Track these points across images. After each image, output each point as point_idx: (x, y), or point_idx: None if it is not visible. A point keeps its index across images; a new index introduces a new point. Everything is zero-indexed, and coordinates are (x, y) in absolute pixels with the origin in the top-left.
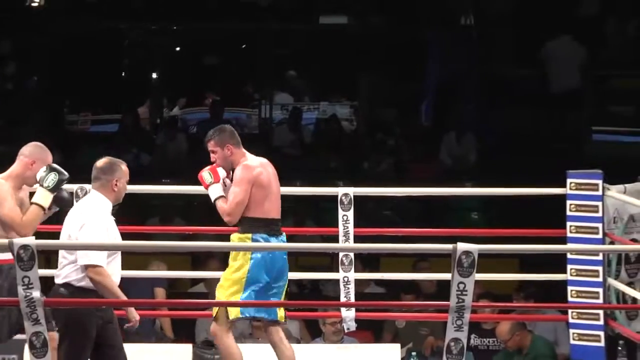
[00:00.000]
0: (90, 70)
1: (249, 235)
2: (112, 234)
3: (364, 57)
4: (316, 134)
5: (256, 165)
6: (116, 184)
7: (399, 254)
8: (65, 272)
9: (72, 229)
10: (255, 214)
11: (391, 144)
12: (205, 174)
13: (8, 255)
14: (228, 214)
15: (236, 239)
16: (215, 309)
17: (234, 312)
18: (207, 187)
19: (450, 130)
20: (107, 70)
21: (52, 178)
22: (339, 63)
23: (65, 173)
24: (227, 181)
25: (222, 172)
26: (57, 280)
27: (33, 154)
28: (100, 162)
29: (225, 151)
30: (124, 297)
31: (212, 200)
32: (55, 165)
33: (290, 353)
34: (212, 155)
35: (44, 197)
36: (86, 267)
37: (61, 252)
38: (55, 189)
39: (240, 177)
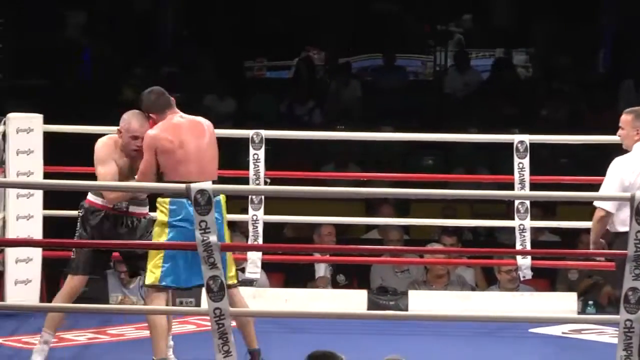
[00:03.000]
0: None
1: (166, 199)
2: None
3: (539, 3)
4: (491, 81)
5: (157, 132)
6: None
7: (575, 202)
8: None
9: None
10: (170, 177)
11: (567, 92)
12: None
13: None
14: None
15: (157, 204)
16: None
17: (151, 279)
18: None
19: (628, 78)
20: (281, 15)
21: None
22: (515, 9)
23: None
24: None
25: None
26: None
27: (121, 123)
28: None
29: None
30: None
31: None
32: None
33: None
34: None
35: None
36: None
37: None
38: None
39: (143, 147)
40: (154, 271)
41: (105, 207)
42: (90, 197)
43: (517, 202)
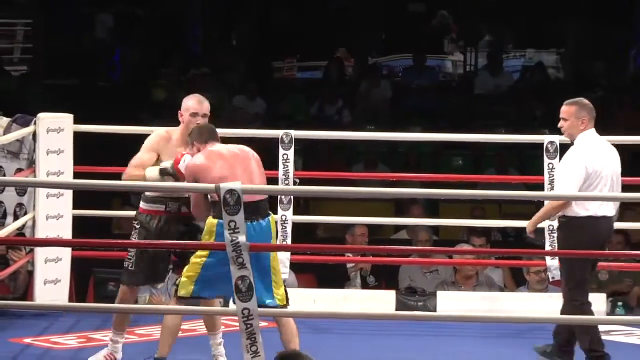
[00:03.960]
0: (296, 16)
1: (214, 221)
2: None
3: (571, 4)
4: (521, 82)
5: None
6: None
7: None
8: None
9: None
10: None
11: (598, 92)
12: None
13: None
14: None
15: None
16: None
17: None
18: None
19: None
20: (314, 16)
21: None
22: (546, 10)
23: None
24: None
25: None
26: None
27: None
28: None
29: (194, 149)
30: None
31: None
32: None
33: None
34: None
35: (153, 173)
36: None
37: None
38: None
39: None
40: (188, 282)
41: (160, 211)
42: (143, 205)
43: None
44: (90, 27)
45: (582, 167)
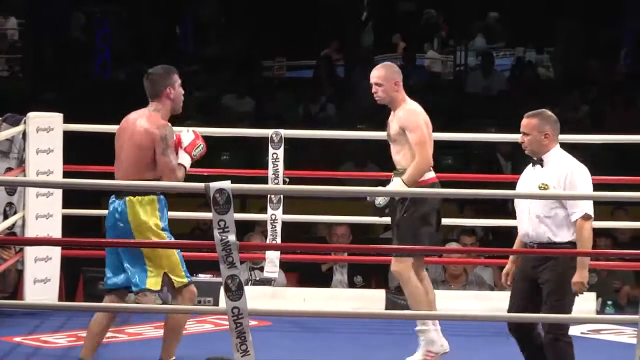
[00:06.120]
0: (284, 15)
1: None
2: None
3: (562, 3)
4: (511, 80)
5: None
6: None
7: (596, 202)
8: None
9: None
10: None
11: (588, 91)
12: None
13: None
14: None
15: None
16: None
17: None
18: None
19: None
20: (303, 14)
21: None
22: (537, 8)
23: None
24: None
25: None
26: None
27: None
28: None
29: None
30: None
31: None
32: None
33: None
34: None
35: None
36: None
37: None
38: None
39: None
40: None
41: None
42: None
43: None
44: (79, 24)
45: (590, 183)
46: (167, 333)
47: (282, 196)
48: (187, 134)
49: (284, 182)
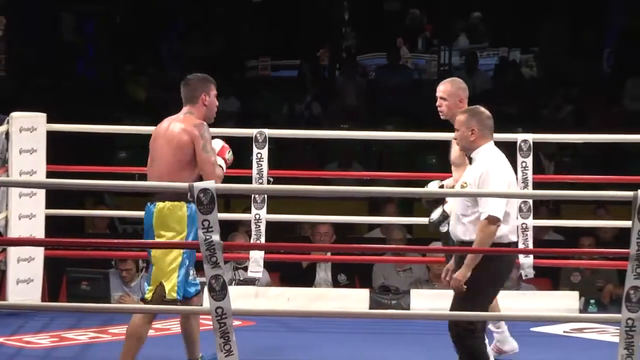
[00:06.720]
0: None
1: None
2: None
3: (545, 3)
4: (495, 80)
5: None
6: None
7: (579, 201)
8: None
9: None
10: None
11: (571, 91)
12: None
13: None
14: None
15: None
16: None
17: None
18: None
19: (633, 76)
20: (288, 15)
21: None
22: (520, 8)
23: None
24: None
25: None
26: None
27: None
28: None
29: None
30: None
31: None
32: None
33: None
34: None
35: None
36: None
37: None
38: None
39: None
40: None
41: None
42: None
43: (520, 201)
44: (62, 25)
45: (506, 184)
46: (186, 337)
47: (266, 196)
48: (216, 142)
49: (268, 182)
